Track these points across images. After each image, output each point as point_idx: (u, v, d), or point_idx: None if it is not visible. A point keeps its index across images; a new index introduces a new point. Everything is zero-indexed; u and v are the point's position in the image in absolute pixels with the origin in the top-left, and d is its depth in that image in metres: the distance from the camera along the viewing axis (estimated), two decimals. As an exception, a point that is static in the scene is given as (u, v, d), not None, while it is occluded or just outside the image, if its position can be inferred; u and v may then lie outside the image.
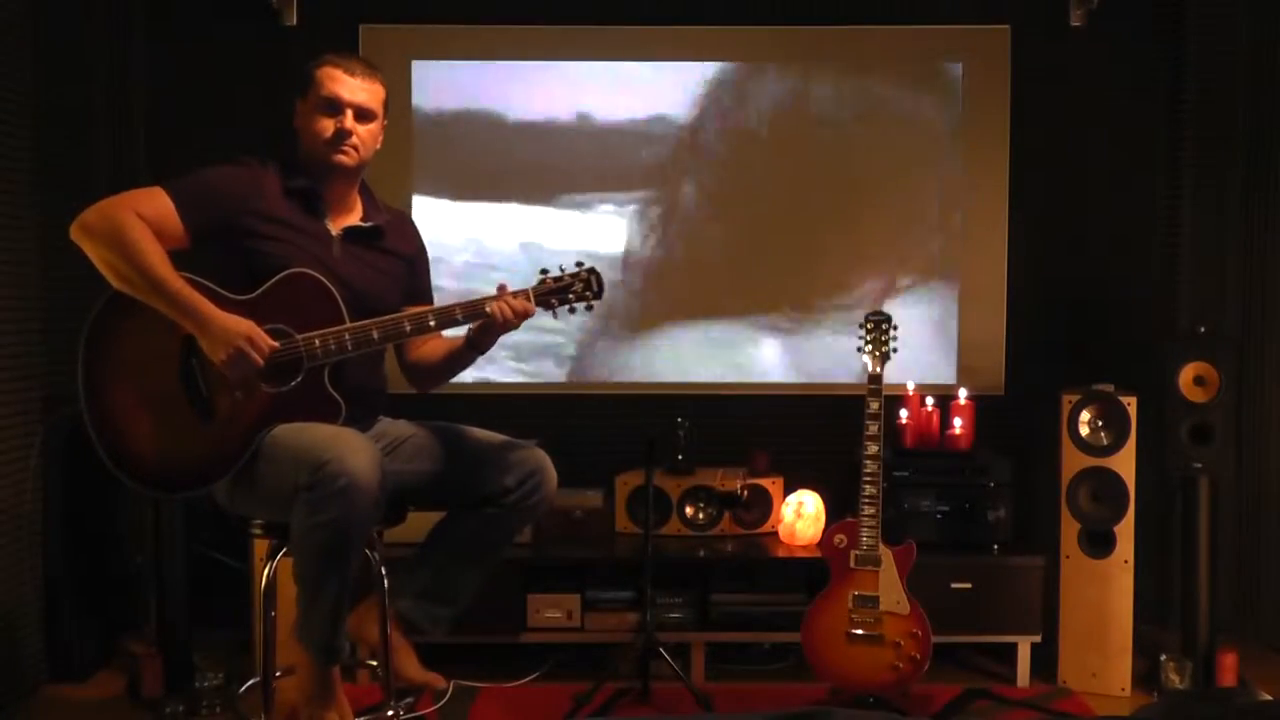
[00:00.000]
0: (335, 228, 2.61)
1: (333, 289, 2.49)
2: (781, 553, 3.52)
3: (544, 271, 2.61)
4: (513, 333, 2.59)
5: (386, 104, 2.65)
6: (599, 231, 3.89)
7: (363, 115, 2.58)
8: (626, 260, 3.90)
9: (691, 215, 3.91)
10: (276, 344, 2.43)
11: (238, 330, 2.39)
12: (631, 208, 3.90)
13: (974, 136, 3.88)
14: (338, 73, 2.56)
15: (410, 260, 2.74)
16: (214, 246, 2.50)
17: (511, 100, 3.87)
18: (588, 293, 2.60)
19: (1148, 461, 3.38)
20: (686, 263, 3.92)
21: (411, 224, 2.83)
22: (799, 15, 3.88)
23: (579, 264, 2.62)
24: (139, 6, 3.76)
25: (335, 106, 2.56)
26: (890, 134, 3.89)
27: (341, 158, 2.57)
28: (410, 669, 2.83)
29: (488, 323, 2.55)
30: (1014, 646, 3.38)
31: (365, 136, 2.59)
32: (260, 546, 3.01)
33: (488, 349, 2.64)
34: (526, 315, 2.55)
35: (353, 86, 2.57)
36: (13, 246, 3.13)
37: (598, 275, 2.61)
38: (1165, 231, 3.85)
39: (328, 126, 2.55)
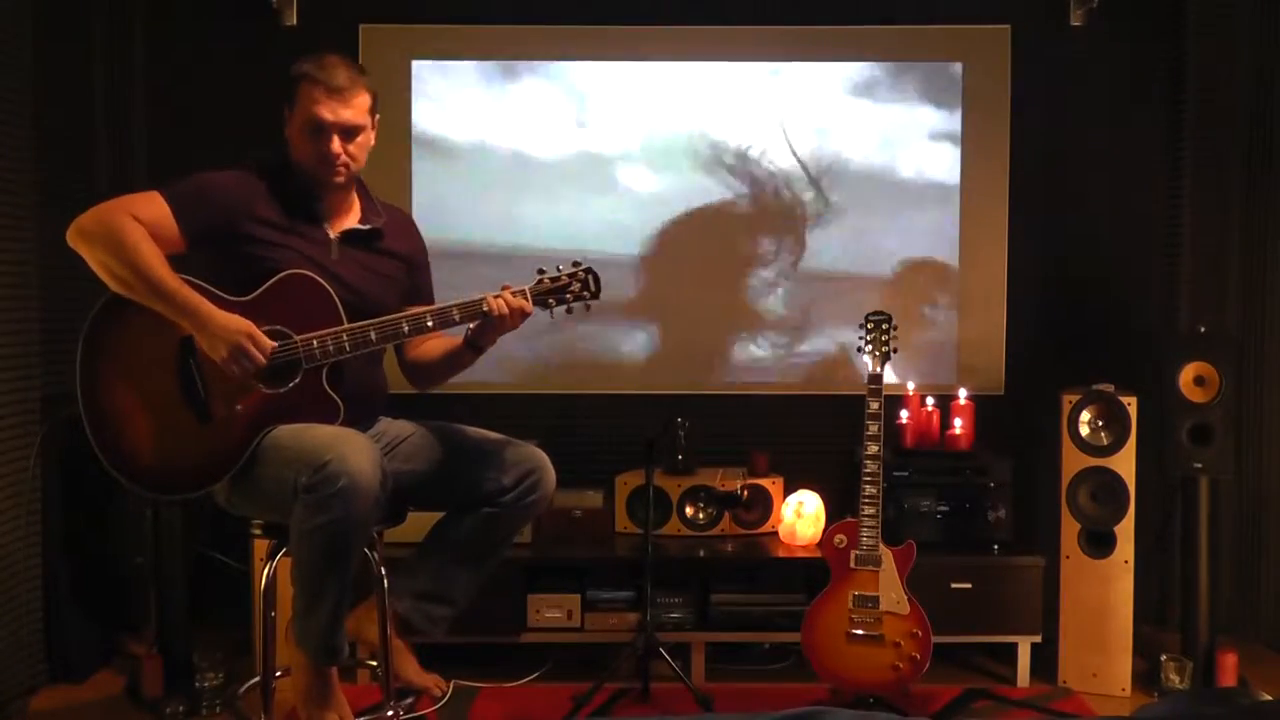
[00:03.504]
0: (333, 231, 2.60)
1: (330, 290, 2.49)
2: (781, 553, 3.52)
3: (541, 271, 2.61)
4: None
5: (375, 106, 2.59)
6: (601, 230, 3.89)
7: (349, 132, 2.52)
8: (627, 259, 3.90)
9: (690, 213, 3.91)
10: (275, 344, 2.43)
11: (238, 328, 2.39)
12: (632, 207, 3.90)
13: (974, 136, 3.88)
14: (318, 93, 2.48)
15: (409, 261, 2.74)
16: (211, 250, 2.50)
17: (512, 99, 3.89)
18: (585, 292, 2.60)
19: (1148, 461, 3.37)
20: (684, 260, 3.91)
21: (412, 224, 2.82)
22: (799, 15, 3.88)
23: (576, 263, 2.62)
24: (139, 8, 3.76)
25: (319, 129, 2.50)
26: (890, 133, 3.89)
27: (334, 178, 2.55)
28: (409, 671, 2.83)
29: (486, 321, 2.55)
30: (1014, 646, 3.38)
31: (355, 151, 2.55)
32: (260, 546, 3.01)
33: (487, 348, 2.64)
34: (525, 314, 2.55)
35: (334, 107, 2.48)
36: (12, 248, 3.13)
37: (595, 275, 2.61)
38: (1165, 231, 3.85)
39: (312, 151, 2.51)
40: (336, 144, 2.50)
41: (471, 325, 2.59)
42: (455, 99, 3.87)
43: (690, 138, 3.88)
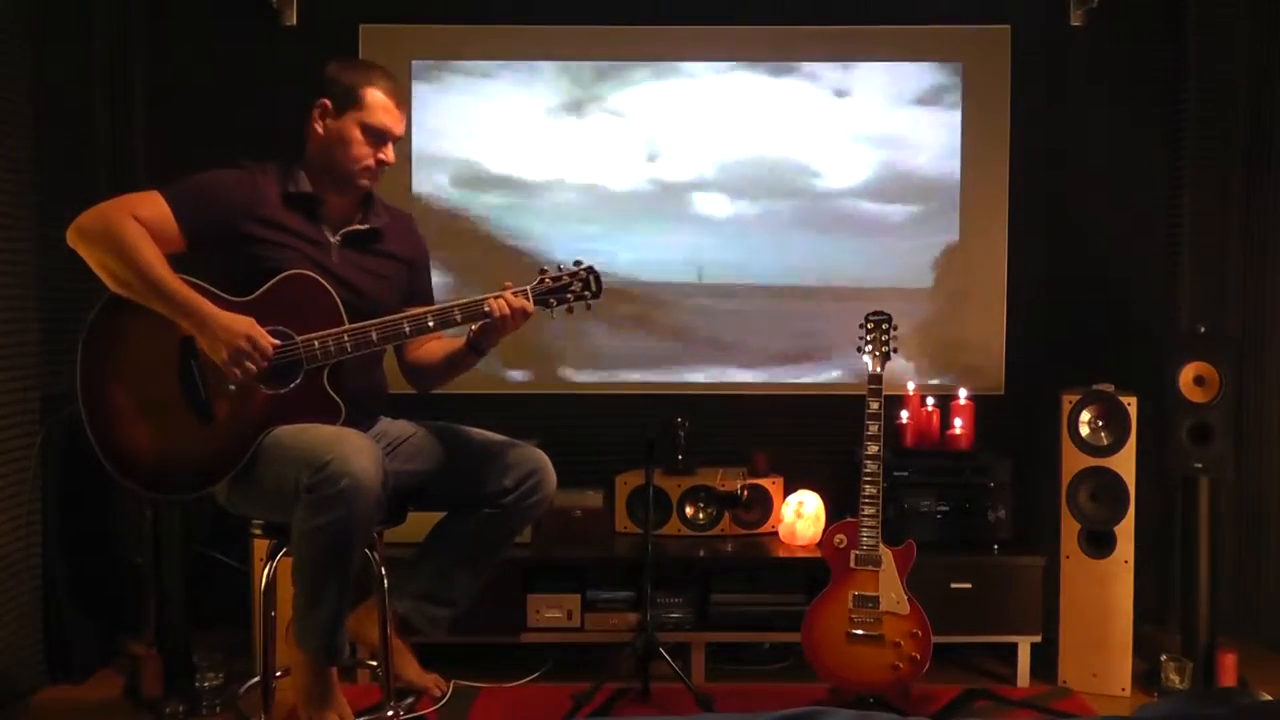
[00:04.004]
0: (334, 232, 2.61)
1: (331, 290, 2.49)
2: (781, 553, 3.52)
3: (542, 271, 2.61)
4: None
5: None
6: (603, 227, 3.90)
7: (396, 142, 2.63)
8: (627, 259, 3.90)
9: (689, 212, 3.91)
10: (277, 342, 2.43)
11: (238, 329, 2.39)
12: (633, 206, 3.90)
13: (974, 136, 3.88)
14: (391, 104, 2.58)
15: (410, 262, 2.74)
16: (211, 251, 2.50)
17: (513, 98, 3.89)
18: (586, 292, 2.60)
19: (1148, 461, 3.37)
20: (684, 259, 3.91)
21: (413, 225, 2.82)
22: (798, 15, 3.88)
23: (577, 263, 2.62)
24: (139, 7, 3.76)
25: (383, 139, 2.58)
26: (890, 133, 3.89)
27: (374, 182, 2.63)
28: (409, 671, 2.84)
29: (488, 323, 2.55)
30: (1014, 646, 3.38)
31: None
32: (260, 546, 3.01)
33: (488, 350, 2.65)
34: (525, 314, 2.55)
35: (399, 118, 2.60)
36: (11, 247, 3.13)
37: (596, 274, 2.61)
38: (1165, 231, 3.85)
39: (368, 155, 2.57)
40: (390, 152, 2.61)
41: (473, 327, 2.59)
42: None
43: (690, 134, 3.88)
